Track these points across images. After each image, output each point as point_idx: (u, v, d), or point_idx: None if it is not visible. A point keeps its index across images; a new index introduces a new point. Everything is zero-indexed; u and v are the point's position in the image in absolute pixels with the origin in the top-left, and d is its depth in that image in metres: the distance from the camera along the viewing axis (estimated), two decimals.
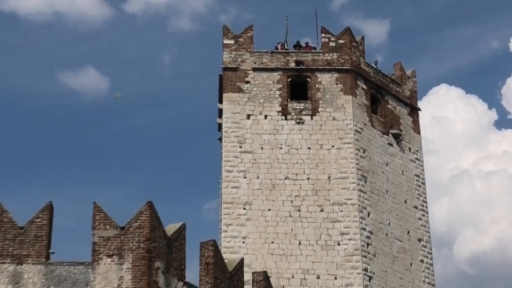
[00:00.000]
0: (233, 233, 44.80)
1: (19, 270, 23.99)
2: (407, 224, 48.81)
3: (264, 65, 48.80)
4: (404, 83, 53.39)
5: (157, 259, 24.29)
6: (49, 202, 24.83)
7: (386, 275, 45.81)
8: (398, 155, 50.32)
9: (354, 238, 44.73)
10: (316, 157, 46.72)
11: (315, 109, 47.85)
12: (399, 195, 49.19)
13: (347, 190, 45.92)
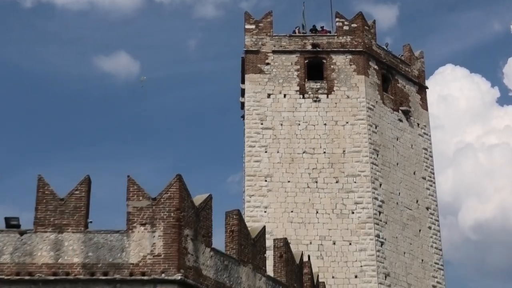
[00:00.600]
0: (255, 203, 44.85)
1: (60, 238, 23.99)
2: (416, 194, 48.72)
3: (283, 48, 48.70)
4: (413, 63, 53.20)
5: (186, 227, 24.21)
6: (87, 175, 24.86)
7: (397, 241, 45.79)
8: (407, 130, 50.17)
9: (367, 207, 44.72)
10: (332, 133, 46.62)
11: (331, 88, 47.74)
12: (409, 167, 49.09)
13: (360, 163, 45.87)
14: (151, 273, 23.37)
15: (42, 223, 24.06)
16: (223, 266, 25.69)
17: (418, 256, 47.00)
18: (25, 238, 23.99)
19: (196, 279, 24.10)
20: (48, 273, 23.44)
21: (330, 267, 43.13)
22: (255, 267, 27.38)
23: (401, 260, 45.60)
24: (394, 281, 44.56)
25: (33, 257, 23.73)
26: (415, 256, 46.82)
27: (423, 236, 47.99)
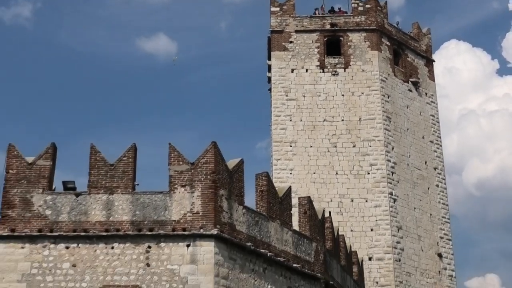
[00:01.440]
0: (282, 166, 44.97)
1: (111, 199, 24.15)
2: (424, 156, 48.58)
3: (305, 27, 48.54)
4: (421, 39, 52.84)
5: (221, 188, 24.26)
6: (133, 144, 24.98)
7: (408, 197, 45.77)
8: (416, 99, 49.93)
9: (381, 168, 44.71)
10: (349, 102, 46.52)
11: (347, 63, 47.60)
12: (418, 132, 48.93)
13: (374, 129, 45.77)
14: (191, 229, 23.50)
15: (95, 186, 24.26)
16: (254, 222, 25.76)
17: (427, 211, 46.97)
18: (80, 199, 24.21)
19: (231, 233, 24.20)
20: (101, 229, 23.65)
21: (348, 221, 43.22)
22: (282, 222, 27.43)
23: (411, 215, 45.59)
24: (406, 233, 44.60)
25: (87, 216, 23.93)
26: (424, 211, 46.78)
27: (431, 193, 47.91)
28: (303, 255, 28.14)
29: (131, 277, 23.17)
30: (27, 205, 24.07)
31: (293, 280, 27.27)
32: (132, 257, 23.35)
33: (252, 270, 25.04)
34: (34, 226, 23.79)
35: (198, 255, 23.30)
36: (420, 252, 45.41)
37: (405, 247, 44.23)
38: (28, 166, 24.52)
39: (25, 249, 23.55)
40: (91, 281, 23.14)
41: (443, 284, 46.14)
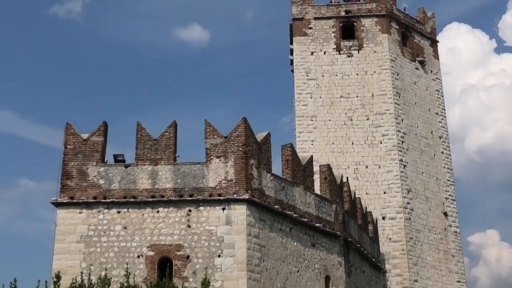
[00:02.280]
0: (304, 138, 44.98)
1: (155, 169, 24.35)
2: (430, 126, 48.27)
3: (322, 15, 48.21)
4: (426, 22, 52.22)
5: (251, 158, 24.34)
6: (174, 121, 25.12)
7: (416, 163, 45.62)
8: (422, 76, 49.53)
9: (392, 138, 44.54)
10: (362, 80, 46.28)
11: (361, 45, 47.29)
12: (424, 105, 48.58)
13: (386, 103, 45.55)
14: (226, 194, 23.65)
15: (141, 158, 24.48)
16: (280, 187, 25.85)
17: (433, 175, 46.79)
18: (129, 170, 24.45)
19: (260, 198, 24.33)
20: (147, 196, 23.89)
21: (364, 186, 43.20)
22: (306, 187, 27.50)
23: (420, 179, 45.46)
24: (415, 195, 44.52)
25: (135, 184, 24.15)
26: (431, 175, 46.61)
27: (437, 159, 47.68)
28: (324, 216, 28.24)
29: (174, 237, 23.42)
30: (83, 176, 24.38)
31: (316, 238, 27.39)
32: (175, 220, 23.58)
33: (279, 230, 25.20)
34: (90, 194, 24.10)
35: (232, 217, 23.46)
36: (428, 211, 45.33)
37: (414, 207, 44.18)
38: (83, 142, 24.80)
39: (82, 214, 23.89)
40: (140, 241, 23.43)
41: (448, 239, 46.08)
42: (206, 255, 23.13)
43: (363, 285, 33.50)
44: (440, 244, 45.36)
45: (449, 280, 45.03)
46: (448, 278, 45.04)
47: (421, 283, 42.91)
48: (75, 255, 23.37)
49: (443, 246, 45.51)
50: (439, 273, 44.54)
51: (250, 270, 23.13)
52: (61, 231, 23.78)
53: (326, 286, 27.43)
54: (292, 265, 25.51)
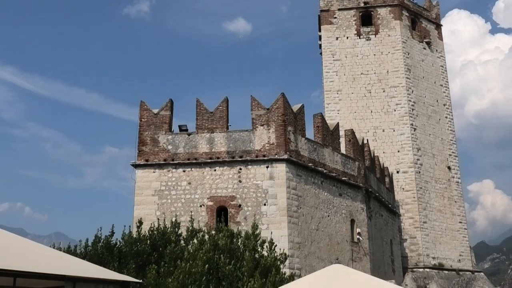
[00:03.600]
0: (331, 108, 44.79)
1: (212, 136, 24.54)
2: (436, 96, 47.49)
3: (345, 6, 47.42)
4: (431, 9, 50.97)
5: (288, 125, 24.33)
6: (225, 97, 25.27)
7: (424, 127, 45.10)
8: (429, 55, 48.55)
9: (404, 106, 44.04)
10: (379, 60, 45.66)
11: (377, 30, 46.51)
12: (431, 78, 47.73)
13: (398, 78, 44.99)
14: (269, 155, 23.76)
15: (201, 127, 24.71)
16: (313, 149, 25.85)
17: (438, 136, 46.17)
18: (191, 137, 24.72)
19: (297, 157, 24.39)
20: (206, 158, 24.15)
21: (381, 146, 42.92)
22: (333, 148, 27.43)
23: (427, 139, 44.96)
24: (423, 153, 44.12)
25: (197, 149, 24.40)
26: (437, 136, 46.00)
27: (442, 123, 46.98)
28: (349, 171, 28.19)
29: (228, 190, 23.72)
30: (155, 143, 24.76)
31: (342, 189, 27.42)
32: (229, 176, 23.85)
33: (313, 183, 25.28)
34: (161, 157, 24.51)
35: (274, 173, 23.62)
36: (434, 166, 44.91)
37: (423, 162, 43.82)
38: (154, 116, 25.13)
39: (155, 173, 24.32)
40: (201, 194, 23.81)
41: (451, 188, 45.67)
42: (254, 204, 23.41)
43: (381, 226, 33.53)
44: (444, 192, 45.01)
45: (452, 222, 44.78)
46: (451, 220, 44.79)
47: (429, 224, 42.79)
48: (151, 206, 23.91)
49: (447, 194, 45.15)
50: (444, 215, 44.31)
51: (289, 215, 23.36)
52: (139, 187, 24.32)
53: (351, 228, 27.53)
54: (323, 211, 25.65)
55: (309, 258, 23.84)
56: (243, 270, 16.91)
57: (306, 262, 23.47)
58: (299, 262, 23.06)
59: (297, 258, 23.10)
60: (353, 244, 27.35)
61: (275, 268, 17.54)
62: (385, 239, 34.47)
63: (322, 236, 25.19)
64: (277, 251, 18.87)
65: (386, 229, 34.81)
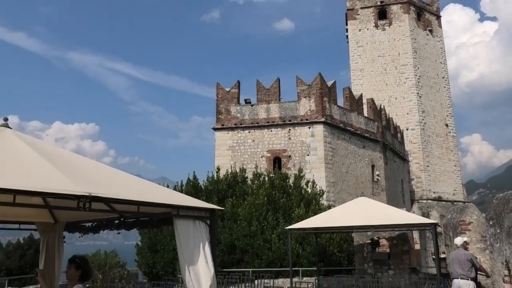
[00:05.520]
0: (356, 83, 43.62)
1: (269, 106, 24.59)
2: (436, 70, 45.23)
3: (365, 5, 45.43)
4: (433, 4, 48.00)
5: (324, 96, 23.93)
6: (277, 77, 24.87)
7: (428, 94, 43.32)
8: (431, 39, 46.04)
9: (412, 79, 42.40)
10: (392, 45, 43.80)
11: (391, 22, 44.42)
12: (432, 58, 45.37)
13: (407, 58, 43.14)
14: (310, 119, 23.52)
15: (260, 100, 24.63)
16: (343, 113, 25.38)
17: (438, 101, 44.21)
18: (254, 107, 24.70)
19: (331, 120, 24.04)
20: (264, 122, 24.14)
21: (394, 110, 41.59)
22: (359, 112, 26.85)
23: (430, 104, 43.21)
24: (427, 114, 42.55)
25: (258, 115, 24.38)
26: (437, 101, 44.08)
27: (441, 91, 44.87)
28: (370, 129, 27.59)
29: (281, 145, 23.76)
30: (228, 112, 24.94)
31: (365, 143, 26.92)
32: (281, 135, 23.85)
33: (343, 138, 24.93)
34: (232, 122, 24.72)
35: (315, 132, 23.43)
36: (435, 124, 43.25)
37: (426, 122, 42.30)
38: (227, 93, 25.26)
39: (229, 134, 24.61)
40: (262, 148, 23.95)
41: (448, 140, 43.99)
42: (300, 154, 23.39)
43: (394, 169, 32.83)
44: (443, 143, 43.40)
45: (448, 165, 43.32)
46: (448, 164, 43.32)
47: (430, 167, 41.62)
48: (226, 157, 24.32)
49: (445, 145, 43.52)
50: (442, 161, 42.90)
51: (326, 162, 23.23)
52: (218, 144, 24.73)
53: (372, 171, 27.12)
54: (351, 159, 25.34)
55: (341, 193, 23.77)
56: (292, 202, 17.08)
57: (339, 196, 23.42)
58: (333, 196, 23.05)
59: (332, 193, 23.08)
60: (373, 183, 27.00)
61: (315, 200, 17.62)
62: (398, 179, 33.81)
63: (350, 177, 24.99)
64: (317, 188, 18.91)
65: (398, 171, 34.09)
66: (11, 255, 15.02)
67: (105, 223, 5.78)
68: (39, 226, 5.76)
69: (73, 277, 4.09)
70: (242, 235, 15.67)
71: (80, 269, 4.11)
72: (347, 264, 15.38)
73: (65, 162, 4.11)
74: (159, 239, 16.31)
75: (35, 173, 3.49)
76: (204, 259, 4.63)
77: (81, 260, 4.17)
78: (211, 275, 4.64)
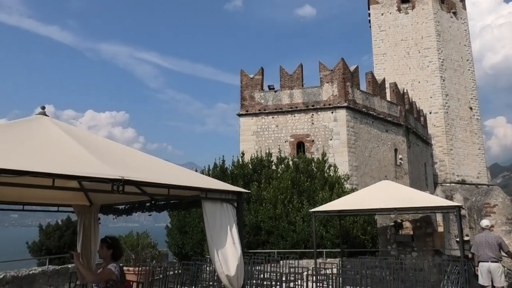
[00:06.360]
0: (379, 67, 42.74)
1: (292, 92, 24.38)
2: (460, 53, 43.78)
3: None
4: None
5: (347, 81, 23.58)
6: (300, 63, 24.66)
7: (451, 78, 42.07)
8: (455, 22, 44.47)
9: (435, 63, 41.22)
10: (415, 28, 42.56)
11: (413, 6, 43.12)
12: (456, 40, 43.88)
13: (431, 41, 41.82)
14: (333, 104, 23.26)
15: (283, 86, 24.49)
16: (365, 98, 24.98)
17: (462, 84, 42.90)
18: (277, 93, 24.58)
19: (354, 104, 23.71)
20: (288, 107, 24.02)
21: (417, 94, 40.63)
22: (381, 97, 26.35)
23: (454, 87, 42.00)
24: (451, 97, 41.42)
25: (281, 101, 24.27)
26: (461, 84, 42.77)
27: (465, 74, 43.47)
28: (393, 113, 27.09)
29: (304, 130, 23.63)
30: (252, 99, 24.91)
31: (388, 127, 26.47)
32: (304, 120, 23.70)
33: (366, 123, 24.59)
34: (256, 108, 24.69)
35: (337, 117, 23.18)
36: (459, 107, 42.05)
37: (450, 105, 41.19)
38: (251, 79, 25.18)
39: (253, 119, 24.61)
40: (285, 133, 23.88)
41: (472, 123, 42.77)
42: (323, 139, 23.22)
43: (417, 153, 32.23)
44: (467, 126, 42.25)
45: (472, 149, 42.21)
46: (472, 147, 42.21)
47: (454, 150, 40.67)
48: (251, 142, 24.38)
49: (469, 128, 42.36)
50: (466, 144, 41.82)
51: (349, 146, 22.99)
52: (243, 129, 24.78)
53: (395, 155, 26.71)
54: (374, 143, 25.00)
55: (364, 176, 23.54)
56: (316, 185, 17.02)
57: (362, 179, 23.20)
58: (356, 180, 22.85)
59: (355, 177, 22.88)
60: (396, 166, 26.61)
61: (338, 183, 17.51)
62: (421, 162, 33.20)
63: (373, 161, 24.69)
64: (340, 172, 18.77)
65: (421, 155, 33.46)
66: (50, 236, 15.61)
67: (137, 206, 5.90)
68: (75, 208, 5.93)
69: (106, 256, 4.22)
70: (267, 217, 15.77)
71: (111, 248, 4.23)
72: (371, 246, 15.30)
73: (98, 148, 4.19)
74: (188, 221, 16.58)
75: (72, 158, 3.58)
76: (232, 240, 4.68)
77: (112, 240, 4.29)
78: (238, 255, 4.69)
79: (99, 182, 3.48)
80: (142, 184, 4.13)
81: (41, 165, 3.19)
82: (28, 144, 3.60)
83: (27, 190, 4.67)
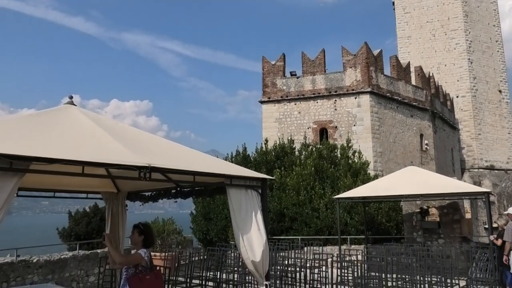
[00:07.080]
0: (403, 50, 41.77)
1: (314, 78, 24.20)
2: (489, 34, 42.20)
3: None
4: None
5: (370, 66, 23.19)
6: (322, 48, 24.34)
7: (480, 60, 40.66)
8: (484, 2, 42.83)
9: (463, 45, 39.87)
10: (441, 9, 41.22)
11: None
12: (485, 21, 42.29)
13: (458, 23, 40.44)
14: (356, 89, 22.94)
15: (306, 72, 24.26)
16: (390, 82, 24.50)
17: (491, 66, 41.50)
18: (299, 79, 24.38)
19: (378, 89, 23.31)
20: (310, 93, 23.82)
21: (444, 77, 39.58)
22: (406, 81, 25.80)
23: (482, 70, 40.66)
24: (479, 80, 40.12)
25: (303, 87, 24.10)
26: (490, 67, 41.38)
27: (494, 56, 41.96)
28: (418, 98, 26.51)
29: (327, 116, 23.41)
30: (274, 85, 24.79)
31: (413, 112, 25.94)
32: (327, 106, 23.47)
33: (390, 108, 24.16)
34: (278, 95, 24.58)
35: (361, 102, 22.86)
36: (488, 90, 40.76)
37: (478, 88, 39.95)
38: (272, 65, 25.03)
39: (275, 106, 24.52)
40: (308, 119, 23.73)
41: (502, 107, 41.42)
42: (346, 125, 22.97)
43: (444, 138, 31.52)
44: (496, 110, 40.95)
45: (502, 133, 40.96)
46: (501, 132, 40.97)
47: (482, 135, 39.56)
48: (273, 129, 24.34)
49: (498, 112, 41.06)
50: (495, 129, 40.61)
51: (373, 132, 22.68)
52: (265, 116, 24.73)
53: (420, 140, 26.21)
54: (398, 128, 24.57)
55: (388, 162, 23.23)
56: (340, 171, 16.91)
57: (386, 165, 22.90)
58: (381, 166, 22.57)
59: (379, 163, 22.60)
60: (422, 152, 26.12)
61: (363, 170, 17.34)
62: (447, 147, 32.48)
63: (398, 146, 24.30)
64: (364, 158, 18.57)
65: (448, 140, 32.71)
66: (79, 222, 16.09)
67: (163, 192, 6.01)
68: (104, 195, 6.08)
69: (137, 242, 4.29)
70: (290, 204, 15.79)
71: (142, 234, 4.29)
72: (396, 233, 15.16)
73: (125, 136, 4.26)
74: (212, 207, 16.78)
75: (100, 146, 3.65)
76: (257, 226, 4.71)
77: (144, 226, 4.36)
78: (263, 241, 4.72)
79: (126, 169, 3.55)
80: (168, 171, 4.18)
81: (71, 153, 3.27)
82: (58, 133, 3.68)
83: (57, 177, 4.81)
